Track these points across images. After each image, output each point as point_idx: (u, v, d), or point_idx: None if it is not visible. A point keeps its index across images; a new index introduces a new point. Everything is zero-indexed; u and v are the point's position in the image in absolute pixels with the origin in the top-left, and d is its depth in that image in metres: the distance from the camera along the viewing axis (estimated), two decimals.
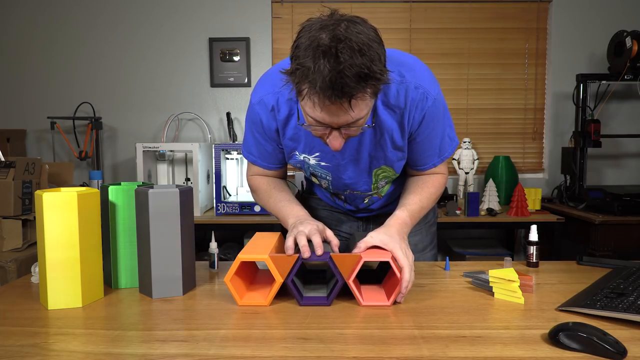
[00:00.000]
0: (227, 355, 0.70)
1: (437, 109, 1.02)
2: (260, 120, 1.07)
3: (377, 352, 0.71)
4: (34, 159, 2.13)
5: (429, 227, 1.34)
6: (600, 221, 2.33)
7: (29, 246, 2.06)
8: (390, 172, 1.13)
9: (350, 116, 0.84)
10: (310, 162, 1.12)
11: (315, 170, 1.15)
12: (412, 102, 0.98)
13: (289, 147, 1.10)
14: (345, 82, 0.77)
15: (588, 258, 1.21)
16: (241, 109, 3.05)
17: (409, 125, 1.02)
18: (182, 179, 2.76)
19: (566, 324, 0.73)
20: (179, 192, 0.95)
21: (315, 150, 1.08)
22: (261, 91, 1.05)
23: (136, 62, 3.01)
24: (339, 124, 0.86)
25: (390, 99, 0.99)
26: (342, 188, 1.18)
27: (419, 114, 1.00)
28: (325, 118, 0.85)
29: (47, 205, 0.87)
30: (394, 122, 1.01)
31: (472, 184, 2.85)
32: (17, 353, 0.71)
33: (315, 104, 0.83)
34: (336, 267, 0.91)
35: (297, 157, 1.11)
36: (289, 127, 1.06)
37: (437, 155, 1.10)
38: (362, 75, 0.77)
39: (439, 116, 1.04)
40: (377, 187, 1.17)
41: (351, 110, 0.82)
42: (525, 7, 2.99)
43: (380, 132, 1.03)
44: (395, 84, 0.97)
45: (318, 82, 0.78)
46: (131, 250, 1.02)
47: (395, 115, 1.01)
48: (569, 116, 3.00)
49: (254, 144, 1.14)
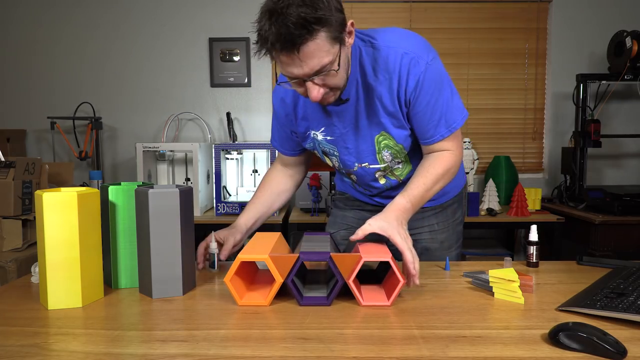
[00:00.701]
0: (227, 355, 0.70)
1: (433, 74, 1.02)
2: (275, 109, 1.21)
3: (377, 352, 0.71)
4: (34, 159, 2.13)
5: (455, 226, 1.33)
6: (600, 221, 2.33)
7: (29, 246, 2.06)
8: (391, 141, 1.12)
9: (311, 62, 0.89)
10: (319, 138, 1.17)
11: (324, 147, 1.19)
12: (403, 68, 1.01)
13: (302, 127, 1.17)
14: (288, 31, 0.85)
15: (588, 258, 1.21)
16: (241, 109, 3.05)
17: (402, 92, 1.03)
18: (182, 179, 2.76)
19: (566, 324, 0.73)
20: (179, 192, 0.95)
21: (320, 125, 1.14)
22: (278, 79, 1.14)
23: (136, 62, 3.01)
24: (306, 73, 0.92)
25: (379, 63, 1.03)
26: (351, 163, 1.18)
27: (412, 80, 1.01)
28: (292, 72, 0.92)
29: (47, 205, 0.87)
30: (383, 88, 1.04)
31: (472, 184, 2.85)
32: (17, 353, 0.71)
33: (278, 61, 0.91)
34: (336, 267, 0.91)
35: (310, 135, 1.18)
36: (298, 107, 1.15)
37: (444, 125, 1.07)
38: (304, 22, 0.84)
39: (437, 83, 1.04)
40: (383, 159, 1.15)
41: (307, 57, 0.88)
42: (525, 7, 2.99)
43: (372, 97, 1.06)
44: (384, 49, 1.02)
45: (269, 40, 0.87)
46: (131, 250, 1.02)
47: (385, 81, 1.04)
48: (569, 116, 3.00)
49: (277, 129, 1.26)
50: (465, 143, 2.84)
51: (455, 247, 1.33)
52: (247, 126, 3.06)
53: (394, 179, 1.22)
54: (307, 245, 1.00)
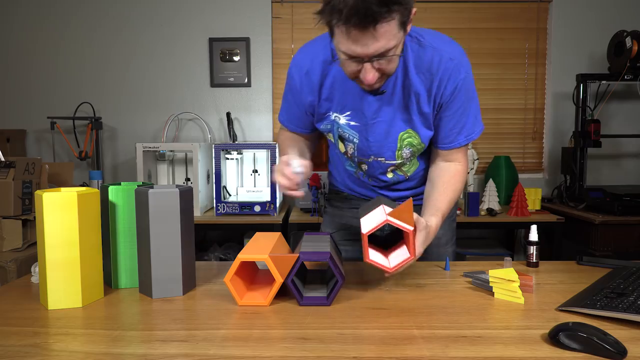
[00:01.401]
0: (227, 355, 0.70)
1: (468, 84, 1.07)
2: (294, 83, 1.14)
3: (377, 352, 0.71)
4: (34, 159, 2.13)
5: (450, 223, 1.35)
6: (600, 221, 2.33)
7: (29, 246, 2.06)
8: (415, 140, 1.13)
9: (378, 43, 0.87)
10: (341, 121, 1.14)
11: (344, 131, 1.16)
12: (445, 72, 1.03)
13: (324, 108, 1.14)
14: (368, 6, 0.81)
15: (588, 258, 1.21)
16: (241, 109, 3.05)
17: (438, 95, 1.06)
18: (182, 179, 2.76)
19: (566, 324, 0.73)
20: (179, 192, 0.95)
21: (346, 109, 1.11)
22: (299, 55, 1.13)
23: (136, 62, 3.01)
24: (368, 54, 0.89)
25: (423, 62, 1.03)
26: (367, 153, 1.18)
27: (451, 85, 1.04)
28: (355, 49, 0.89)
29: (47, 205, 0.87)
30: (422, 87, 1.05)
31: (472, 184, 2.85)
32: (17, 353, 0.71)
33: (344, 35, 0.87)
34: (336, 266, 0.91)
35: (330, 117, 1.15)
36: (324, 87, 1.11)
37: (464, 134, 1.12)
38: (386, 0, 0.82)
39: (469, 93, 1.08)
40: (401, 156, 1.16)
41: (379, 36, 0.86)
42: (525, 7, 2.99)
43: (408, 93, 1.06)
44: (430, 49, 1.03)
45: (344, 12, 0.83)
46: (131, 250, 1.02)
47: (425, 81, 1.05)
48: (569, 116, 3.00)
49: (287, 106, 1.22)
50: None
51: (451, 243, 1.35)
52: (247, 126, 3.06)
53: (402, 175, 1.23)
54: (307, 245, 1.00)
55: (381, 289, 1.01)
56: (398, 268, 0.94)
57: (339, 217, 1.37)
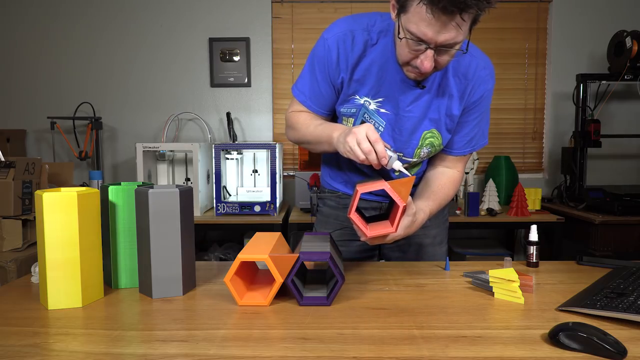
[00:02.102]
0: (227, 355, 0.70)
1: (490, 95, 1.12)
2: (330, 55, 1.07)
3: (376, 352, 0.71)
4: (34, 159, 2.13)
5: (444, 222, 1.37)
6: (600, 221, 2.33)
7: (29, 246, 2.06)
8: (437, 140, 1.14)
9: (453, 32, 0.87)
10: (370, 107, 1.11)
11: (371, 117, 1.12)
12: (478, 79, 1.08)
13: (352, 89, 1.10)
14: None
15: (588, 258, 1.21)
16: (241, 109, 3.05)
17: (468, 100, 1.09)
18: (182, 179, 2.76)
19: (566, 324, 0.73)
20: (179, 192, 0.95)
21: (380, 94, 1.09)
22: (338, 27, 1.07)
23: (136, 62, 3.01)
24: (438, 41, 0.89)
25: (461, 67, 1.06)
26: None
27: (478, 93, 1.08)
28: (427, 33, 0.88)
29: (47, 205, 0.87)
30: (456, 90, 1.08)
31: (472, 184, 2.85)
32: (17, 353, 0.71)
33: (422, 16, 0.86)
34: (336, 266, 0.91)
35: (357, 101, 1.11)
36: (359, 68, 1.07)
37: (472, 145, 1.17)
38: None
39: (488, 105, 1.13)
40: (419, 154, 1.17)
41: (459, 25, 0.87)
42: (525, 7, 2.99)
43: (443, 93, 1.08)
44: (469, 55, 1.06)
45: None
46: (131, 250, 1.02)
47: (460, 85, 1.08)
48: (569, 116, 3.00)
49: (310, 82, 1.13)
50: None
51: (444, 242, 1.37)
52: (247, 126, 3.06)
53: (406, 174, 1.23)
54: (307, 245, 1.00)
55: (381, 289, 1.01)
56: (375, 236, 0.95)
57: (334, 217, 1.35)
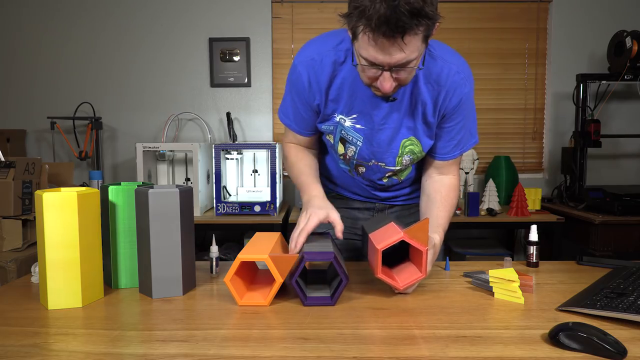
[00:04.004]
0: (227, 355, 0.70)
1: (471, 98, 1.10)
2: (301, 81, 1.09)
3: (377, 352, 0.71)
4: (34, 159, 2.13)
5: None
6: (600, 221, 2.33)
7: (29, 246, 2.06)
8: (417, 147, 1.14)
9: (403, 53, 0.87)
10: (346, 123, 1.13)
11: (348, 133, 1.14)
12: (452, 85, 1.05)
13: (330, 109, 1.12)
14: (399, 17, 0.81)
15: (588, 258, 1.21)
16: (241, 109, 3.05)
17: (443, 106, 1.08)
18: (182, 179, 2.76)
19: (566, 324, 0.73)
20: (179, 192, 0.95)
21: (353, 111, 1.10)
22: (306, 52, 1.09)
23: (136, 62, 3.01)
24: (391, 63, 0.89)
25: (432, 74, 1.05)
26: (368, 157, 1.17)
27: (456, 98, 1.07)
28: (378, 57, 0.89)
29: (47, 205, 0.87)
30: (429, 97, 1.07)
31: (472, 184, 2.85)
32: (17, 353, 0.71)
33: (369, 42, 0.87)
34: (341, 266, 0.91)
35: (334, 118, 1.13)
36: (332, 88, 1.08)
37: (460, 147, 1.16)
38: (416, 11, 0.82)
39: (470, 107, 1.11)
40: (401, 162, 1.17)
41: (404, 47, 0.86)
42: (525, 7, 2.99)
43: (416, 101, 1.08)
44: (440, 61, 1.04)
45: (374, 19, 0.82)
46: (131, 250, 1.02)
47: (433, 91, 1.06)
48: (569, 116, 3.00)
49: (291, 106, 1.16)
50: None
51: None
52: (247, 126, 3.06)
53: (396, 179, 1.24)
54: (310, 245, 1.00)
55: (381, 289, 1.01)
56: (408, 285, 0.94)
57: None
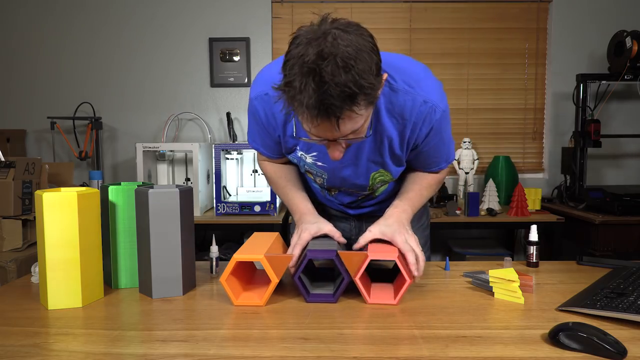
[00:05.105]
0: (227, 355, 0.70)
1: (444, 120, 1.02)
2: (259, 116, 1.06)
3: (377, 352, 0.71)
4: (34, 159, 2.13)
5: (422, 230, 1.33)
6: (600, 221, 2.33)
7: (29, 246, 2.06)
8: (387, 177, 1.12)
9: (345, 128, 0.83)
10: (307, 160, 1.11)
11: (311, 168, 1.13)
12: (419, 116, 0.97)
13: (290, 143, 1.08)
14: (330, 102, 0.76)
15: (588, 258, 1.21)
16: (241, 109, 3.05)
17: (412, 138, 1.01)
18: (182, 179, 2.76)
19: (566, 324, 0.73)
20: (179, 192, 0.95)
21: (312, 150, 1.07)
22: (260, 87, 1.04)
23: (136, 62, 3.01)
24: (335, 137, 0.85)
25: (395, 107, 0.97)
26: (339, 184, 1.16)
27: (426, 128, 1.00)
28: (319, 133, 0.85)
29: (47, 205, 0.87)
30: (395, 131, 1.00)
31: (472, 184, 2.85)
32: (17, 353, 0.71)
33: (308, 122, 0.82)
34: (342, 264, 0.92)
35: (297, 153, 1.11)
36: (288, 126, 1.04)
37: (445, 160, 1.12)
38: (347, 94, 0.76)
39: (445, 126, 1.04)
40: (372, 188, 1.16)
41: (345, 124, 0.81)
42: (525, 7, 2.99)
43: (381, 138, 1.01)
44: (402, 93, 0.96)
45: (304, 102, 0.77)
46: (131, 250, 1.02)
47: (398, 125, 0.99)
48: (569, 116, 3.00)
49: (257, 134, 1.13)
50: (466, 143, 2.85)
51: (425, 248, 1.31)
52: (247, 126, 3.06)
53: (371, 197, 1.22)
54: (314, 243, 1.00)
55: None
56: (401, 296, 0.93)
57: None
